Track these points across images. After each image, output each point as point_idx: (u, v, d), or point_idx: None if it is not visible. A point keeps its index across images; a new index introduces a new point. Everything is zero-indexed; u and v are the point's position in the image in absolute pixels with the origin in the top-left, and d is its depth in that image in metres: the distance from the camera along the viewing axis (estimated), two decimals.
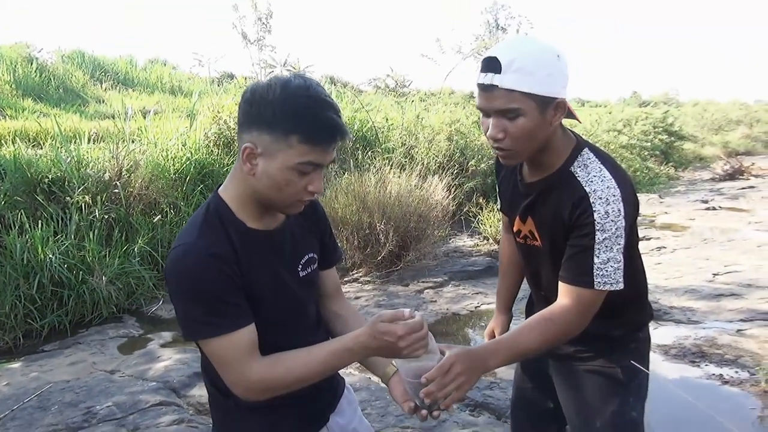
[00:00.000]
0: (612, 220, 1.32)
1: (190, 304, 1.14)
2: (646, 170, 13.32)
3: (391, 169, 6.61)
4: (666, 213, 9.15)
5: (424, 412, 1.24)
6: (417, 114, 9.79)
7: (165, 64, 21.92)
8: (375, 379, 3.34)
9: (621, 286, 1.35)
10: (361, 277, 5.90)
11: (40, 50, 17.62)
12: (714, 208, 9.61)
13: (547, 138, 1.38)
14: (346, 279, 5.93)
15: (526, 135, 1.34)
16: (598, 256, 1.33)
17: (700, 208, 9.74)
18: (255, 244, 1.21)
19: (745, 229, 7.66)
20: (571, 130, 1.49)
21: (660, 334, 3.96)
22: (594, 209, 1.33)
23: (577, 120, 1.50)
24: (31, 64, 16.22)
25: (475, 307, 4.87)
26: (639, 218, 1.52)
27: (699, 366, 3.43)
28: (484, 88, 1.33)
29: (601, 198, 1.33)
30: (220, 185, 1.26)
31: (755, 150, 22.74)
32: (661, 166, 14.53)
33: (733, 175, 13.98)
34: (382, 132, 8.96)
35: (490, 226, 6.92)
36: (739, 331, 3.92)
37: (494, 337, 1.90)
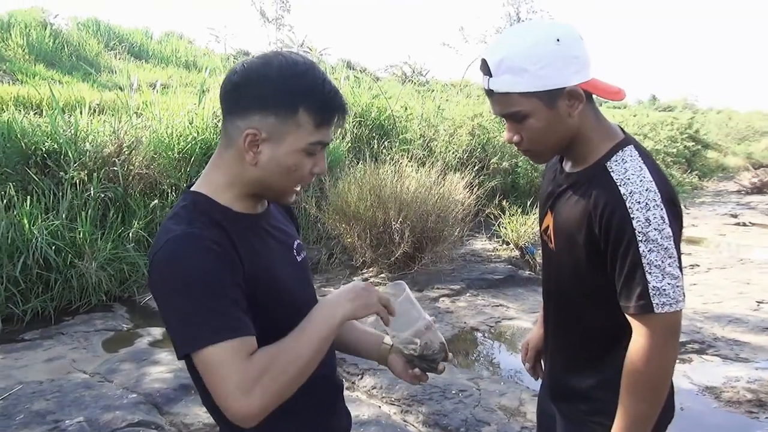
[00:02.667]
0: (655, 229, 1.14)
1: (190, 306, 0.95)
2: (671, 177, 12.80)
3: (409, 162, 6.18)
4: (694, 226, 8.70)
5: (416, 370, 1.24)
6: (438, 105, 9.33)
7: (181, 38, 21.54)
8: (385, 409, 2.94)
9: (683, 305, 1.17)
10: (371, 277, 5.49)
11: (55, 16, 17.32)
12: (745, 224, 9.14)
13: (571, 130, 1.24)
14: (354, 278, 5.53)
15: (540, 134, 1.23)
16: (650, 273, 1.15)
17: (730, 222, 9.28)
18: (248, 228, 1.09)
19: None
20: (618, 126, 1.32)
21: (707, 371, 3.54)
22: (632, 216, 1.15)
23: (611, 98, 1.25)
24: (46, 29, 15.89)
25: (496, 322, 4.45)
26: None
27: (758, 418, 3.00)
28: (486, 93, 1.26)
29: (639, 202, 1.15)
30: (191, 185, 1.12)
31: None
32: (684, 174, 14.00)
33: (761, 189, 13.44)
34: (401, 122, 8.51)
35: (512, 231, 6.49)
36: None
37: (527, 349, 1.68)
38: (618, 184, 1.18)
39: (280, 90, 1.01)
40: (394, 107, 8.60)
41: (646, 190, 1.16)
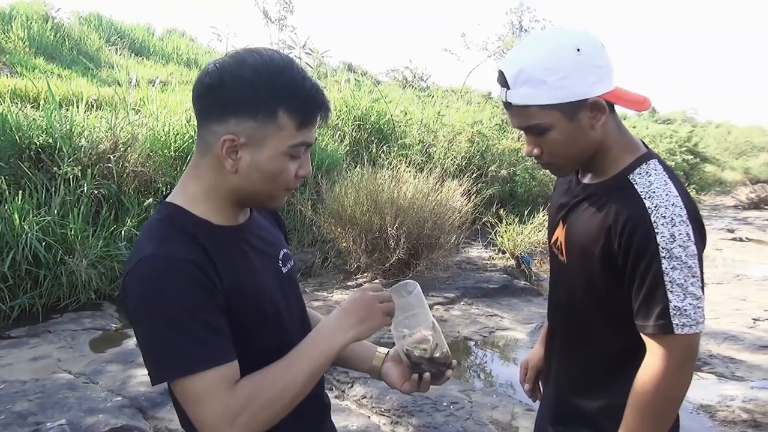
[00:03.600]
0: (680, 246, 1.08)
1: (166, 332, 0.89)
2: None
3: (407, 167, 6.13)
4: None
5: (426, 375, 1.15)
6: (438, 111, 9.29)
7: (183, 35, 21.47)
8: (375, 420, 2.88)
9: (703, 327, 1.11)
10: (365, 283, 5.43)
11: (57, 9, 17.19)
12: (741, 239, 9.12)
13: (593, 143, 1.18)
14: (348, 283, 5.48)
15: (561, 148, 1.18)
16: (671, 291, 1.09)
17: (727, 237, 9.26)
18: (228, 241, 1.01)
19: None
20: (641, 140, 1.26)
21: (702, 389, 3.49)
22: (657, 230, 1.09)
23: (635, 108, 1.19)
24: (47, 22, 15.80)
25: (489, 332, 4.40)
26: None
27: None
28: (504, 105, 1.20)
29: (665, 217, 1.09)
30: (166, 196, 1.04)
31: None
32: None
33: (758, 204, 13.46)
34: (400, 126, 8.47)
35: (509, 240, 6.45)
36: None
37: (527, 368, 1.59)
38: (643, 197, 1.13)
39: (256, 91, 0.94)
40: (394, 112, 8.56)
41: (673, 204, 1.10)
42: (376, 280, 5.41)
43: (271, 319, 1.04)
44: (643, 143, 1.25)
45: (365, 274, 5.56)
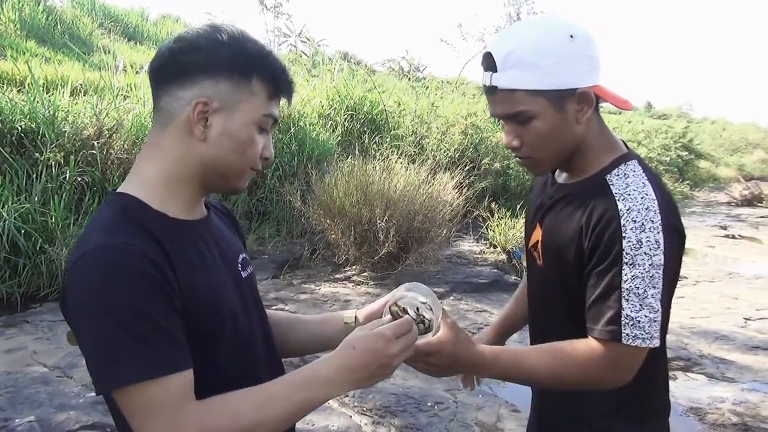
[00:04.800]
0: (645, 253, 1.02)
1: (111, 335, 0.79)
2: None
3: (398, 159, 6.04)
4: None
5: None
6: (432, 102, 9.18)
7: (177, 21, 21.25)
8: (356, 420, 2.80)
9: (657, 342, 1.04)
10: (353, 276, 5.35)
11: None
12: (734, 237, 9.09)
13: (576, 138, 1.12)
14: (336, 276, 5.40)
15: (544, 140, 1.11)
16: (627, 299, 1.03)
17: (719, 234, 9.23)
18: (185, 237, 0.93)
19: None
20: (621, 140, 1.20)
21: (692, 390, 3.44)
22: (624, 234, 1.03)
23: (620, 106, 1.15)
24: (39, 5, 15.55)
25: (478, 329, 4.32)
26: None
27: None
28: (486, 91, 1.13)
29: (635, 221, 1.03)
30: (115, 189, 0.94)
31: None
32: (676, 184, 13.96)
33: (751, 201, 13.45)
34: (393, 117, 8.36)
35: (500, 234, 6.37)
36: None
37: None
38: (617, 198, 1.07)
39: (234, 53, 0.91)
40: (388, 102, 8.45)
41: (646, 209, 1.04)
42: (365, 273, 5.33)
43: (229, 325, 0.94)
44: (624, 144, 1.20)
45: (354, 267, 5.48)
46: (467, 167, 7.27)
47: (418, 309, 1.05)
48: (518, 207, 6.97)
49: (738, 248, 8.19)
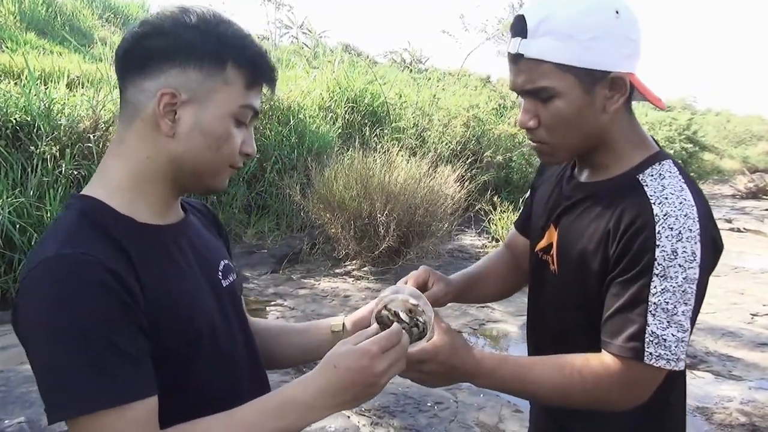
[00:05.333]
0: (680, 265, 0.90)
1: (63, 357, 0.70)
2: None
3: (399, 151, 5.95)
4: None
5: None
6: (433, 94, 9.07)
7: None
8: (354, 420, 2.74)
9: (682, 365, 0.94)
10: (353, 270, 5.29)
11: None
12: (739, 230, 8.99)
13: (600, 129, 1.00)
14: (336, 270, 5.34)
15: (564, 123, 0.98)
16: (654, 315, 0.92)
17: (724, 227, 9.11)
18: (155, 244, 0.83)
19: None
20: (653, 138, 1.07)
21: (699, 389, 3.36)
22: (657, 242, 0.91)
23: (656, 104, 1.02)
24: None
25: (480, 325, 4.27)
26: None
27: None
28: (511, 59, 0.99)
29: (672, 228, 0.91)
30: (79, 190, 0.86)
31: None
32: None
33: (756, 194, 13.33)
34: (394, 109, 8.26)
35: (503, 227, 6.29)
36: None
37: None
38: (652, 201, 0.95)
39: (205, 37, 0.81)
40: (389, 94, 8.35)
41: (685, 215, 0.92)
42: (365, 268, 5.27)
43: (207, 341, 0.85)
44: (654, 140, 1.07)
45: (354, 262, 5.41)
46: (469, 160, 7.18)
47: (410, 311, 0.95)
48: (521, 200, 6.89)
49: (743, 242, 8.09)
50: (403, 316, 0.94)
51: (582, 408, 1.03)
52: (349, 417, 2.76)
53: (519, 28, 0.96)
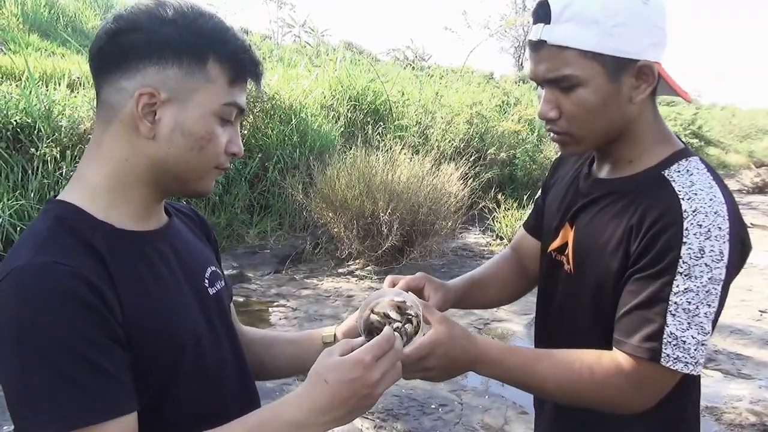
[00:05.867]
0: (706, 264, 0.86)
1: (33, 373, 0.65)
2: None
3: (402, 149, 5.91)
4: None
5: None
6: (436, 91, 9.02)
7: None
8: (358, 424, 2.70)
9: (700, 370, 0.89)
10: (356, 270, 5.25)
11: None
12: (746, 225, 8.91)
13: (625, 120, 0.96)
14: (340, 270, 5.30)
15: (588, 114, 0.93)
16: (674, 315, 0.87)
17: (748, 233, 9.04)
18: (135, 251, 0.79)
19: None
20: (677, 136, 1.02)
21: (708, 388, 3.30)
22: (685, 239, 0.87)
23: (683, 97, 1.00)
24: None
25: (485, 324, 4.22)
26: None
27: None
28: (531, 47, 0.95)
29: (701, 226, 0.87)
30: (56, 196, 0.80)
31: None
32: None
33: (762, 189, 13.22)
34: (397, 107, 8.21)
35: (507, 225, 6.24)
36: None
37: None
38: (681, 196, 0.91)
39: (183, 33, 0.76)
40: (391, 92, 8.30)
41: (715, 213, 0.88)
42: (369, 267, 5.23)
43: (191, 352, 0.81)
44: (679, 137, 1.03)
45: (357, 261, 5.38)
46: (473, 157, 7.13)
47: (399, 308, 0.91)
48: (525, 197, 6.84)
49: (751, 237, 8.01)
50: (392, 314, 0.90)
51: (588, 407, 0.98)
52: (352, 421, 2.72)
53: (542, 13, 0.92)
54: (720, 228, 0.88)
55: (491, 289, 1.32)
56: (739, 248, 0.91)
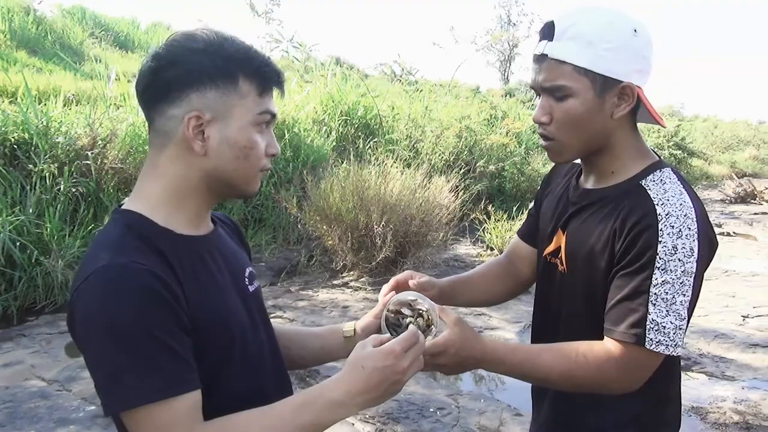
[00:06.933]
0: (679, 260, 1.01)
1: (120, 355, 0.79)
2: None
3: (394, 163, 6.03)
4: None
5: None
6: (425, 105, 9.19)
7: (169, 29, 21.23)
8: (359, 427, 2.79)
9: (679, 351, 1.04)
10: (351, 281, 5.35)
11: (39, 2, 16.91)
12: (729, 234, 9.12)
13: (605, 132, 1.11)
14: (334, 282, 5.39)
15: (573, 122, 1.09)
16: (654, 304, 1.02)
17: (715, 232, 9.24)
18: (192, 254, 0.92)
19: (766, 262, 7.17)
20: (654, 150, 1.18)
21: (693, 389, 3.43)
22: (660, 239, 1.02)
23: (659, 123, 1.15)
24: (29, 15, 15.51)
25: (478, 332, 4.31)
26: None
27: None
28: (535, 59, 1.12)
29: (673, 227, 1.02)
30: (121, 204, 0.94)
31: (762, 172, 22.36)
32: None
33: (744, 198, 13.51)
34: (387, 121, 8.36)
35: (497, 236, 6.37)
36: None
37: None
38: (655, 202, 1.06)
39: (213, 59, 0.88)
40: (381, 107, 8.45)
41: (684, 215, 1.03)
42: (363, 278, 5.32)
43: (239, 343, 0.94)
44: (654, 151, 1.19)
45: (351, 273, 5.47)
46: (462, 170, 7.28)
47: (410, 305, 1.05)
48: (514, 209, 6.99)
49: (733, 245, 8.21)
50: (404, 310, 1.04)
51: (586, 391, 1.11)
52: (353, 424, 2.81)
53: (547, 31, 1.09)
54: (689, 228, 1.02)
55: (478, 287, 1.46)
56: (707, 245, 1.05)
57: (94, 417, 2.71)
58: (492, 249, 6.46)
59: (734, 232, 9.34)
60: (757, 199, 13.52)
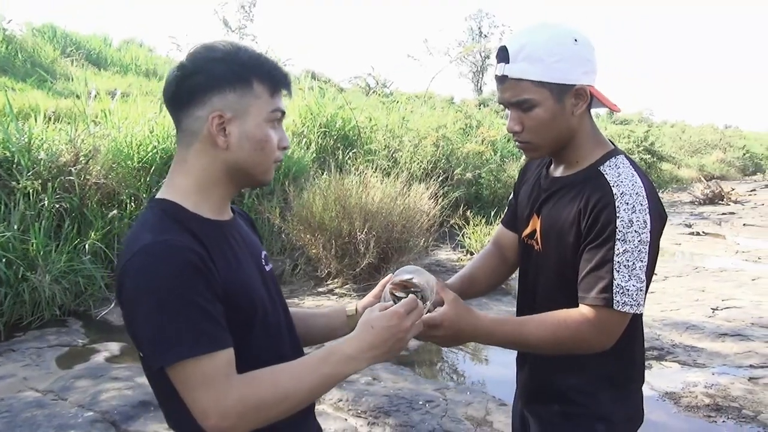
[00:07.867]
0: (636, 231, 1.18)
1: (164, 315, 0.91)
2: None
3: (374, 172, 6.17)
4: None
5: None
6: (402, 116, 9.37)
7: (141, 46, 21.14)
8: (352, 422, 2.89)
9: (642, 309, 1.22)
10: (336, 288, 5.45)
11: (8, 21, 16.73)
12: (698, 234, 9.44)
13: (570, 129, 1.29)
14: (319, 289, 5.49)
15: (543, 126, 1.26)
16: (618, 271, 1.19)
17: (685, 232, 9.57)
18: (220, 236, 1.05)
19: (734, 258, 7.46)
20: (609, 139, 1.37)
21: (666, 377, 3.61)
22: (617, 215, 1.19)
23: (611, 108, 1.33)
24: None
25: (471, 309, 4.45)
26: None
27: (716, 422, 3.08)
28: (497, 80, 1.29)
29: (627, 204, 1.19)
30: (153, 197, 1.08)
31: (729, 174, 23.06)
32: None
33: (713, 200, 13.95)
34: (365, 132, 8.51)
35: (476, 241, 6.54)
36: (751, 379, 3.59)
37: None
38: (611, 184, 1.23)
39: (230, 66, 1.02)
40: (359, 118, 8.60)
41: (636, 194, 1.20)
42: (347, 285, 5.43)
43: (260, 312, 1.07)
44: (612, 142, 1.36)
45: (336, 280, 5.57)
46: (441, 178, 7.44)
47: (404, 286, 1.18)
48: (492, 214, 7.16)
49: (703, 244, 8.51)
50: (397, 293, 1.18)
51: (567, 352, 1.27)
52: (346, 419, 2.92)
53: (502, 55, 1.25)
54: (641, 204, 1.20)
55: (481, 280, 1.62)
56: (658, 218, 1.23)
57: (93, 422, 2.77)
58: (472, 253, 6.61)
59: (704, 232, 9.67)
60: (725, 200, 13.97)
